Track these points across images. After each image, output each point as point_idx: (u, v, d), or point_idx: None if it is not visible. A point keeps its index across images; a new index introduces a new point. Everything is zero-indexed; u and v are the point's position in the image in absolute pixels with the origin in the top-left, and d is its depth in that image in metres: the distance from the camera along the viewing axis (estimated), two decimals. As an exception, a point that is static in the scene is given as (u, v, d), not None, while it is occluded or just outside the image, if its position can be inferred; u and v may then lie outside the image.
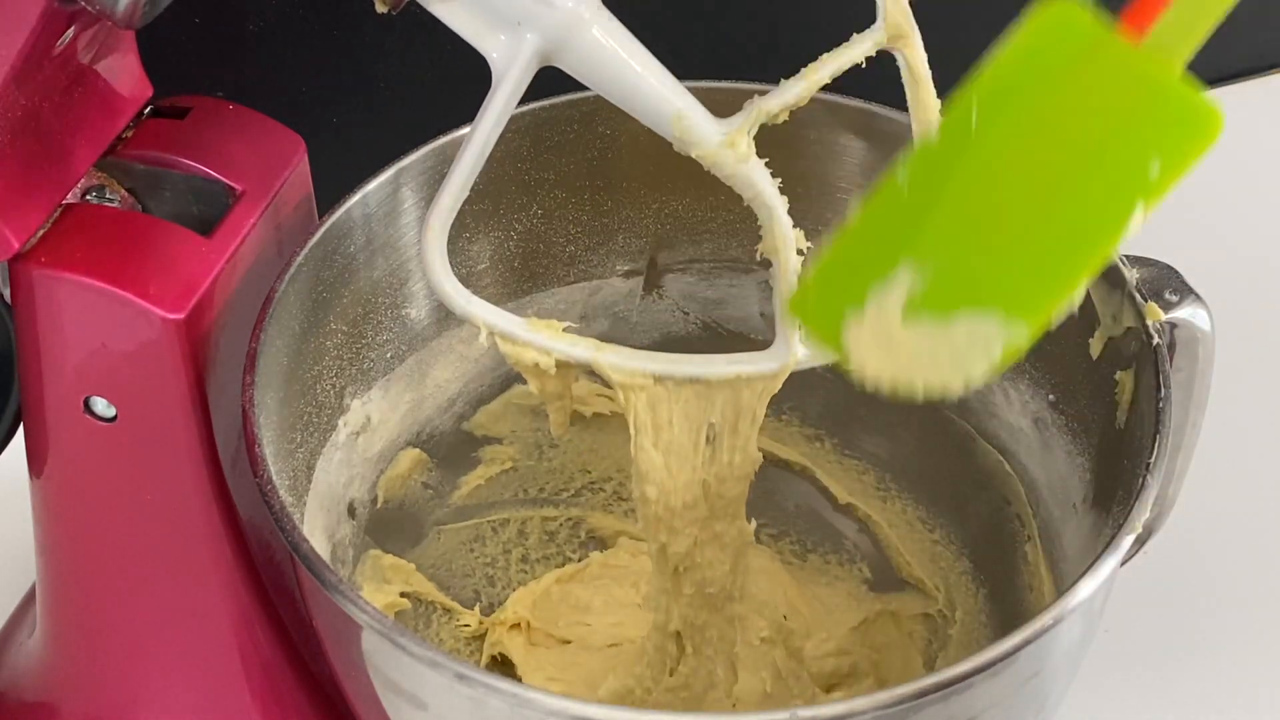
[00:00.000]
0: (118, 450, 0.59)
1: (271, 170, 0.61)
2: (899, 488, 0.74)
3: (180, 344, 0.56)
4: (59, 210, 0.57)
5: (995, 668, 0.50)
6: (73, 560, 0.63)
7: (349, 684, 0.58)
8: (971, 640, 0.70)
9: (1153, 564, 0.67)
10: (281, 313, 0.59)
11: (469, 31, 0.52)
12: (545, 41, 0.52)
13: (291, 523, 0.54)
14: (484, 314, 0.55)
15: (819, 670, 0.71)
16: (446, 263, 0.54)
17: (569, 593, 0.74)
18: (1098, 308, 0.61)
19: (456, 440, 0.72)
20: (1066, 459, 0.64)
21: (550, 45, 0.52)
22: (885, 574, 0.74)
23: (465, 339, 0.70)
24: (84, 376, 0.58)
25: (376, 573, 0.69)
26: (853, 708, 0.49)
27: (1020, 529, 0.67)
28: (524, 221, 0.69)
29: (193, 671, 0.65)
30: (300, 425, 0.62)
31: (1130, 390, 0.60)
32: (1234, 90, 1.02)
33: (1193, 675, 0.75)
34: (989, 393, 0.68)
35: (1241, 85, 1.03)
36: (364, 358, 0.66)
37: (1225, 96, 0.97)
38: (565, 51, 0.52)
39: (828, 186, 0.67)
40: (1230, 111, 0.43)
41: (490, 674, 0.50)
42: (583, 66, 0.53)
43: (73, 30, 0.53)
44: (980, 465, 0.69)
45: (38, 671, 0.68)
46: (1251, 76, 1.04)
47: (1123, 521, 0.53)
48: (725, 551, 0.62)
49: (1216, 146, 0.44)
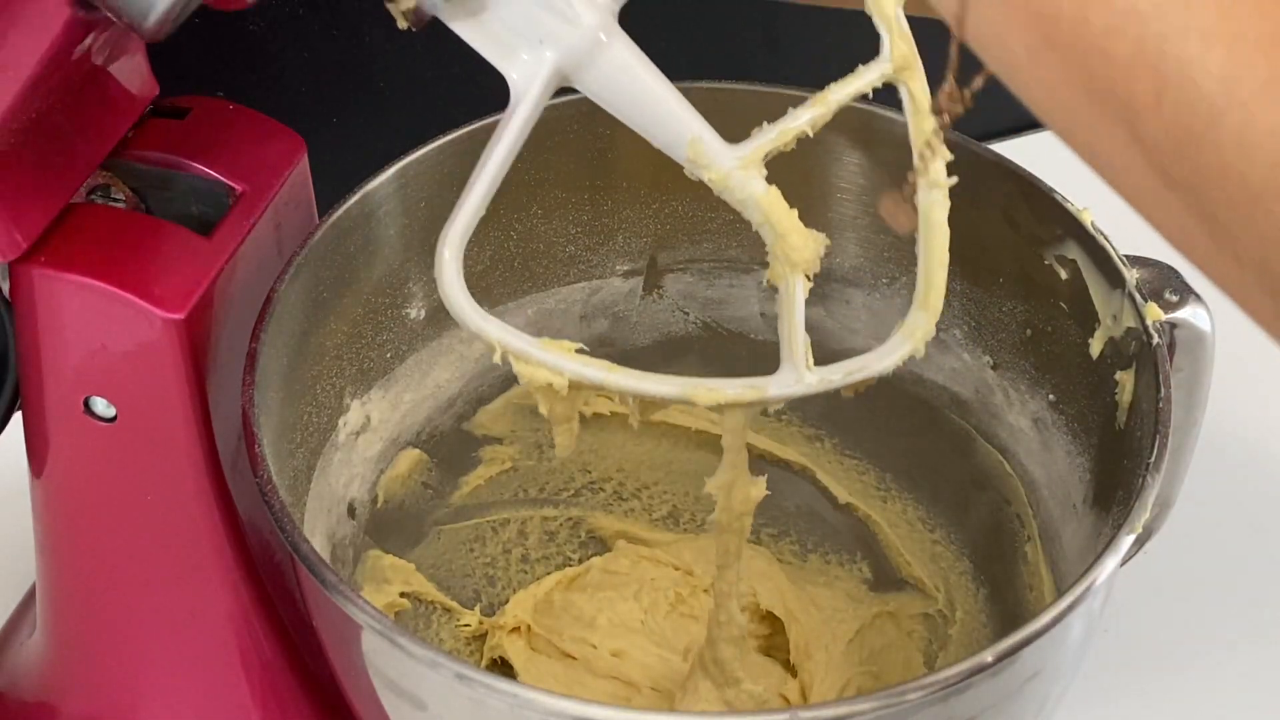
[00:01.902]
0: (118, 450, 0.59)
1: (271, 170, 0.61)
2: (899, 488, 0.74)
3: (180, 344, 0.56)
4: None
5: (995, 668, 0.50)
6: (73, 560, 0.63)
7: (349, 684, 0.58)
8: (971, 640, 0.70)
9: (1153, 564, 0.67)
10: (281, 313, 0.59)
11: (489, 50, 0.52)
12: (565, 61, 0.52)
13: (291, 523, 0.54)
14: (500, 334, 0.54)
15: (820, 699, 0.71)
16: (462, 281, 0.54)
17: (571, 602, 0.74)
18: (1098, 308, 0.61)
19: (456, 440, 0.72)
20: (1066, 459, 0.64)
21: (570, 65, 0.52)
22: (885, 574, 0.74)
23: (465, 339, 0.70)
24: (84, 376, 0.58)
25: (376, 573, 0.69)
26: (853, 708, 0.49)
27: (1020, 529, 0.67)
28: (524, 221, 0.69)
29: (193, 671, 0.65)
30: (300, 425, 0.62)
31: (1130, 390, 0.60)
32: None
33: (1193, 675, 0.75)
34: (989, 393, 0.68)
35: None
36: (364, 358, 0.66)
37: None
38: (585, 71, 0.52)
39: (828, 187, 0.67)
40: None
41: (490, 674, 0.50)
42: (601, 87, 0.53)
43: (91, 36, 0.53)
44: (980, 465, 0.69)
45: (38, 671, 0.68)
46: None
47: (1123, 521, 0.53)
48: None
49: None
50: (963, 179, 0.51)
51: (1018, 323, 0.66)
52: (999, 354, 0.67)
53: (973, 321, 0.67)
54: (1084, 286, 0.61)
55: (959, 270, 0.65)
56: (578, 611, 0.73)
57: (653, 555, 0.75)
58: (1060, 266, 0.63)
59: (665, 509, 0.77)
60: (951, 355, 0.68)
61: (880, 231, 0.68)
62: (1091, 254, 0.61)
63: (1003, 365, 0.67)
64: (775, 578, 0.74)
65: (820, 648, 0.72)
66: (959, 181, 0.50)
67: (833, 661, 0.71)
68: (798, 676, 0.71)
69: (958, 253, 0.61)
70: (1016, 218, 0.63)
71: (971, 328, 0.67)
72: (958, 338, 0.68)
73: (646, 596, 0.73)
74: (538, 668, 0.72)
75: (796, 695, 0.71)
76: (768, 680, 0.71)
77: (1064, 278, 0.63)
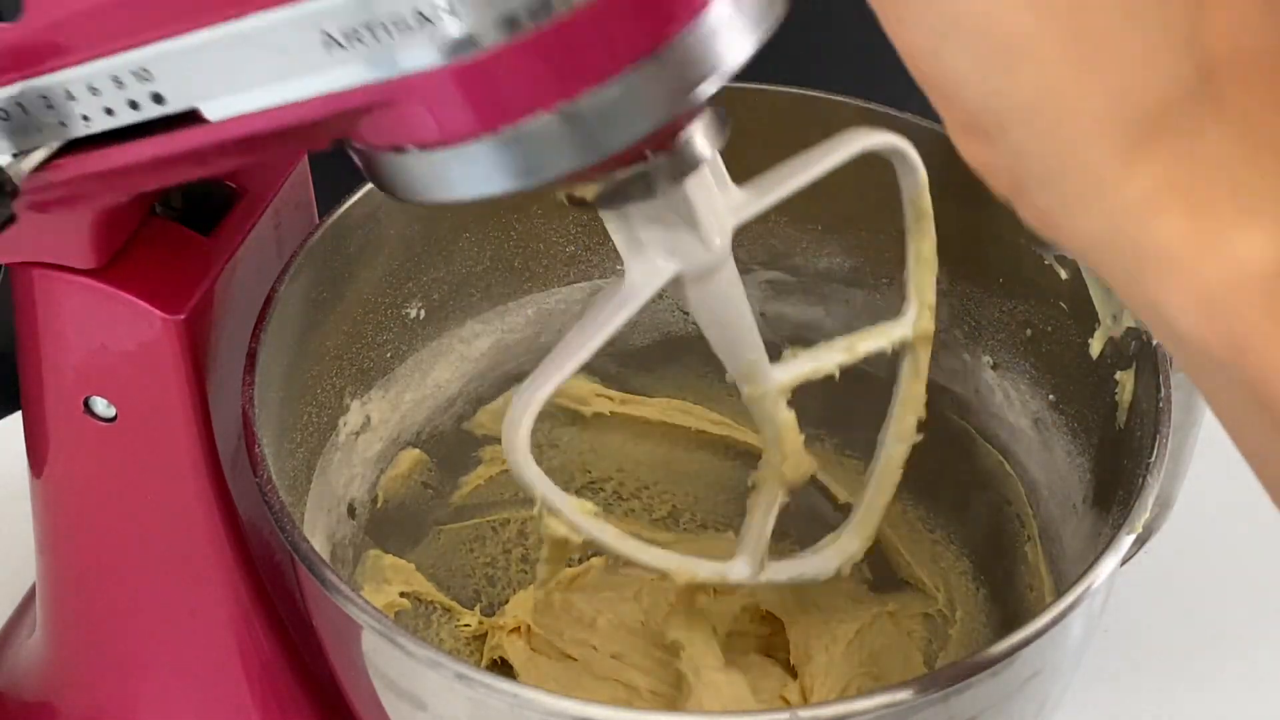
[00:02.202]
0: (118, 450, 0.59)
1: (271, 170, 0.61)
2: (899, 488, 0.74)
3: (180, 344, 0.56)
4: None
5: (995, 668, 0.50)
6: (73, 560, 0.63)
7: (349, 684, 0.58)
8: (971, 640, 0.70)
9: (1153, 564, 0.67)
10: (281, 313, 0.59)
11: (623, 244, 0.53)
12: (687, 273, 0.54)
13: (291, 523, 0.54)
14: (544, 490, 0.57)
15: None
16: (529, 446, 0.56)
17: (571, 603, 0.73)
18: (1098, 308, 0.61)
19: (456, 440, 0.72)
20: (1066, 459, 0.64)
21: (690, 278, 0.54)
22: (885, 574, 0.74)
23: (465, 339, 0.70)
24: (84, 376, 0.58)
25: (376, 573, 0.69)
26: (853, 708, 0.49)
27: (1020, 529, 0.67)
28: (524, 221, 0.69)
29: (193, 671, 0.65)
30: (300, 425, 0.62)
31: (1130, 390, 0.60)
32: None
33: (1193, 675, 0.75)
34: (989, 393, 0.68)
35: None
36: (364, 358, 0.66)
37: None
38: (696, 284, 0.55)
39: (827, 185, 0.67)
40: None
41: (490, 674, 0.50)
42: (701, 299, 0.56)
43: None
44: (980, 465, 0.69)
45: (38, 671, 0.68)
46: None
47: (1123, 521, 0.53)
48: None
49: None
50: (963, 179, 0.50)
51: (1018, 323, 0.66)
52: (999, 354, 0.67)
53: (973, 321, 0.67)
54: (1084, 286, 0.61)
55: (959, 270, 0.65)
56: (578, 613, 0.73)
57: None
58: (1060, 266, 0.63)
59: (665, 509, 0.77)
60: (951, 355, 0.68)
61: (879, 232, 0.68)
62: (1091, 254, 0.61)
63: (1003, 365, 0.67)
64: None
65: (820, 648, 0.72)
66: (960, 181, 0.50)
67: (833, 662, 0.71)
68: (798, 678, 0.71)
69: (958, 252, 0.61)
70: (1017, 218, 0.63)
71: (971, 328, 0.67)
72: (958, 338, 0.68)
73: (647, 597, 0.73)
74: (538, 668, 0.72)
75: (797, 696, 0.71)
76: (768, 681, 0.71)
77: (1064, 278, 0.63)
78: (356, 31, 0.42)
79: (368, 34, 0.42)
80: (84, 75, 0.46)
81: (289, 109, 0.45)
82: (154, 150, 0.47)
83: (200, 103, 0.46)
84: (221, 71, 0.45)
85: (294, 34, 0.43)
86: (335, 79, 0.44)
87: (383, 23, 0.42)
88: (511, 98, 0.43)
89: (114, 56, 0.46)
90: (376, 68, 0.43)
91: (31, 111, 0.48)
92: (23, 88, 0.47)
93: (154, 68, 0.45)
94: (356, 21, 0.42)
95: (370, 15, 0.42)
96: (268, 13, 0.43)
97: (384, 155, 0.45)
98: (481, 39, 0.42)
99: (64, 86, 0.47)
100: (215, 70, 0.45)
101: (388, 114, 0.44)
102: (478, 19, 0.41)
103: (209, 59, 0.45)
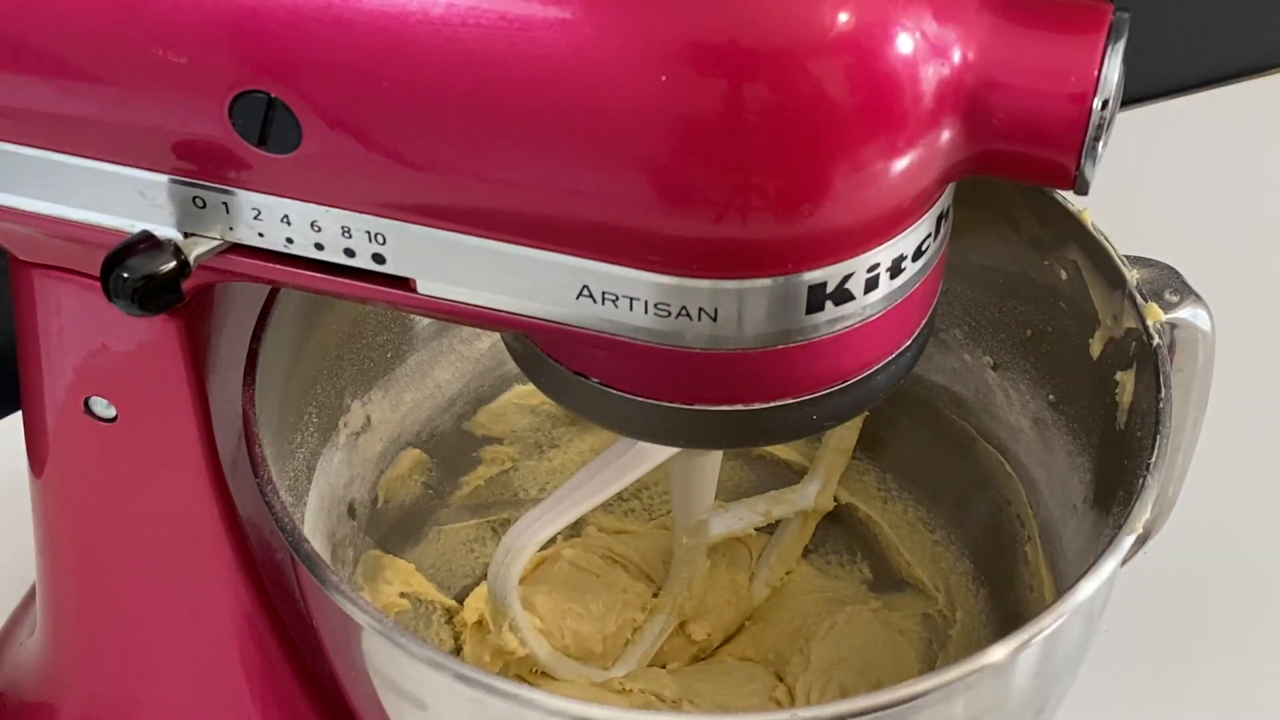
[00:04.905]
0: (118, 450, 0.59)
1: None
2: (899, 488, 0.74)
3: (180, 344, 0.56)
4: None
5: (995, 668, 0.50)
6: (73, 560, 0.63)
7: (349, 684, 0.58)
8: (971, 640, 0.70)
9: (1153, 564, 0.67)
10: (281, 313, 0.59)
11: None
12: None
13: (291, 523, 0.54)
14: (526, 629, 0.65)
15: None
16: (517, 583, 0.63)
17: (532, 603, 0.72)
18: (1098, 308, 0.61)
19: (456, 440, 0.72)
20: (1066, 459, 0.64)
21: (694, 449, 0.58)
22: (885, 574, 0.74)
23: (465, 339, 0.70)
24: (84, 376, 0.58)
25: (376, 573, 0.69)
26: (853, 708, 0.49)
27: (1020, 529, 0.67)
28: (524, 221, 0.69)
29: (193, 671, 0.65)
30: (300, 425, 0.62)
31: (1130, 390, 0.60)
32: (1234, 90, 1.02)
33: (1193, 675, 0.75)
34: (989, 393, 0.68)
35: (1241, 85, 1.03)
36: (364, 358, 0.66)
37: (1225, 96, 0.98)
38: (695, 453, 0.59)
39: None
40: (1230, 111, 0.43)
41: (490, 674, 0.50)
42: (690, 462, 0.61)
43: None
44: (980, 465, 0.69)
45: (38, 671, 0.68)
46: (1251, 76, 1.04)
47: (1123, 521, 0.53)
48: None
49: (1217, 146, 0.44)
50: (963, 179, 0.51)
51: (1018, 323, 0.66)
52: (999, 354, 0.67)
53: (973, 321, 0.67)
54: (1084, 287, 0.61)
55: (959, 270, 0.65)
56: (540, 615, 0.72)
57: (624, 553, 0.74)
58: (1060, 267, 0.63)
59: (665, 509, 0.77)
60: (951, 355, 0.68)
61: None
62: (1091, 254, 0.61)
63: (1003, 365, 0.67)
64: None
65: (795, 650, 0.72)
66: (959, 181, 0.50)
67: (832, 662, 0.71)
68: (797, 678, 0.71)
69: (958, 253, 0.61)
70: (1017, 218, 0.63)
71: (971, 328, 0.67)
72: (958, 338, 0.68)
73: (613, 618, 0.72)
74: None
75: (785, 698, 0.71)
76: (764, 681, 0.71)
77: (1064, 278, 0.63)
78: (621, 298, 0.43)
79: (638, 303, 0.42)
80: (314, 212, 0.45)
81: (500, 315, 0.44)
82: (336, 287, 0.47)
83: (420, 278, 0.45)
84: (467, 269, 0.44)
85: (559, 276, 0.43)
86: (569, 314, 0.44)
87: (685, 307, 0.42)
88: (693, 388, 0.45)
89: (362, 213, 0.44)
90: (617, 327, 0.43)
91: (232, 212, 0.47)
92: (241, 193, 0.46)
93: (394, 238, 0.44)
94: (635, 292, 0.42)
95: (666, 299, 0.42)
96: (542, 253, 0.43)
97: (563, 369, 0.46)
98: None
99: (285, 211, 0.46)
100: (462, 267, 0.44)
101: (593, 349, 0.44)
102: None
103: (463, 259, 0.44)
